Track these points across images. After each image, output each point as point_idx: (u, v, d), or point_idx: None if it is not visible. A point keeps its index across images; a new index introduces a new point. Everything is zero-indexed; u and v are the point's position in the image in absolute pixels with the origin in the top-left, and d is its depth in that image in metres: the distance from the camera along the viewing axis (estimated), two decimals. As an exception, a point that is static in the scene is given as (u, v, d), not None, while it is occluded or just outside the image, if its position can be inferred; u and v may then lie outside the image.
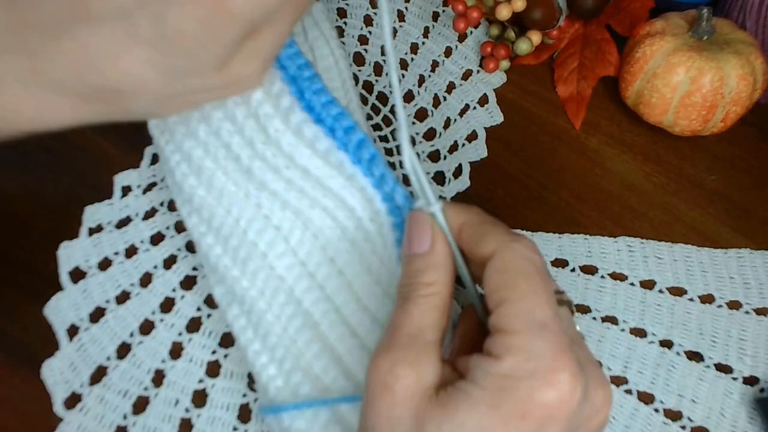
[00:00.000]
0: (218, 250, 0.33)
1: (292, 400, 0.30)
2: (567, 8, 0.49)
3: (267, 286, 0.32)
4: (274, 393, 0.31)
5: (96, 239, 0.40)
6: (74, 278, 0.39)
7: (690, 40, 0.44)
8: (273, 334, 0.32)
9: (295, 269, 0.32)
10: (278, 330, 0.32)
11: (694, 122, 0.44)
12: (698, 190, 0.46)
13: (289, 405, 0.30)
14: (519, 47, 0.49)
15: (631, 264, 0.42)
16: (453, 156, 0.46)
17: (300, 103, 0.32)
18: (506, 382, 0.23)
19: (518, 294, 0.25)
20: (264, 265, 0.32)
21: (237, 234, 0.32)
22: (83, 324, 0.38)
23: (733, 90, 0.43)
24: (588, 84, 0.49)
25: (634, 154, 0.47)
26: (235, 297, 0.33)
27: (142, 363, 0.37)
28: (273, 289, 0.32)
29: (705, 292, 0.41)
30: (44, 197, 0.42)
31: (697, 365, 0.39)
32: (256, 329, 0.32)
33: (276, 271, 0.32)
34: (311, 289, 0.32)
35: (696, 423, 0.37)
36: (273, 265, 0.32)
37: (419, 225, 0.28)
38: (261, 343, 0.32)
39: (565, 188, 0.45)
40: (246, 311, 0.32)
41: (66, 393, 0.36)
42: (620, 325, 0.40)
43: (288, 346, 0.31)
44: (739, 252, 0.42)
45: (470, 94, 0.49)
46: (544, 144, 0.47)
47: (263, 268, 0.32)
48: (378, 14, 0.28)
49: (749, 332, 0.40)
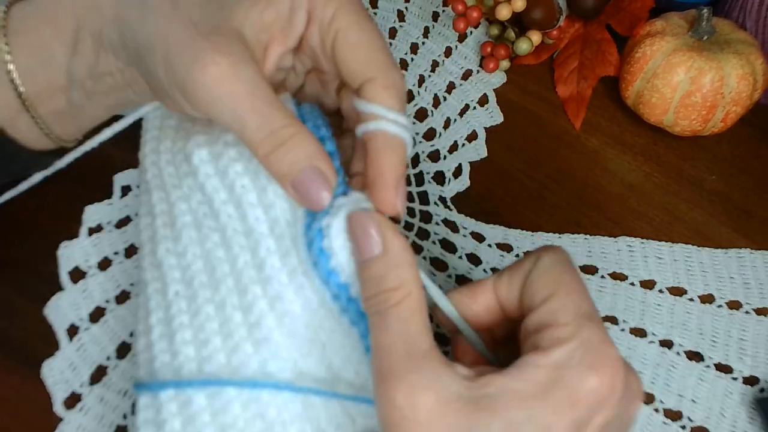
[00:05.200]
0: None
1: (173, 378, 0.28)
2: (567, 8, 0.49)
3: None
4: (158, 367, 0.28)
5: (96, 239, 0.40)
6: (74, 278, 0.39)
7: (690, 40, 0.44)
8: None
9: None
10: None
11: (695, 122, 0.44)
12: (698, 190, 0.46)
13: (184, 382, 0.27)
14: (519, 47, 0.49)
15: (631, 264, 0.42)
16: (453, 156, 0.46)
17: None
18: (557, 372, 0.23)
19: (565, 289, 0.25)
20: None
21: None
22: (83, 324, 0.38)
23: (734, 90, 0.43)
24: (588, 84, 0.49)
25: (635, 154, 0.47)
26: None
27: (142, 363, 0.37)
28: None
29: (705, 292, 0.41)
30: (44, 197, 0.42)
31: (697, 365, 0.39)
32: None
33: None
34: None
35: (696, 423, 0.37)
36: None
37: (363, 226, 0.26)
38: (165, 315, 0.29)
39: (565, 188, 0.45)
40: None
41: (66, 393, 0.36)
42: (620, 325, 0.40)
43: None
44: (740, 252, 0.42)
45: (470, 94, 0.49)
46: (544, 144, 0.47)
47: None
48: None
49: (749, 332, 0.40)
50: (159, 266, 0.30)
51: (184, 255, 0.30)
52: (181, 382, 0.27)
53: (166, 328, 0.29)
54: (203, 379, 0.27)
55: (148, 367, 0.29)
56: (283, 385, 0.27)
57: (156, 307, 0.30)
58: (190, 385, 0.27)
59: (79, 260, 0.40)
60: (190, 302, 0.29)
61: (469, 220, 0.43)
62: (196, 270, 0.29)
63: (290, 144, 0.26)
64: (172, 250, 0.30)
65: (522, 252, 0.42)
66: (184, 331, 0.28)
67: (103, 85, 0.31)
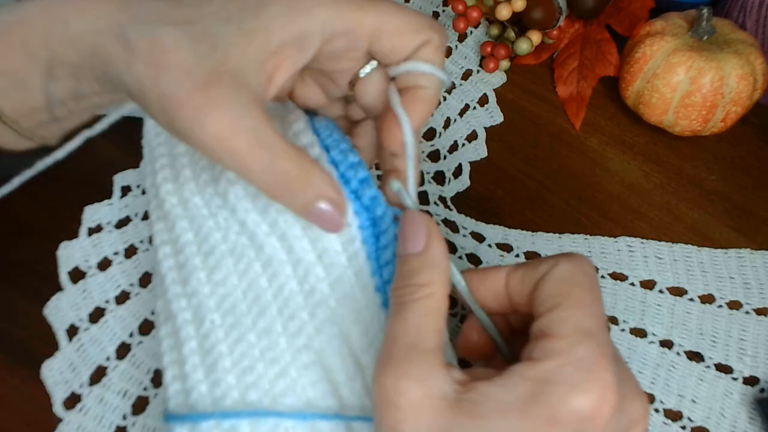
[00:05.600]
0: (171, 262, 0.32)
1: (213, 409, 0.29)
2: (567, 8, 0.49)
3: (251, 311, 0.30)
4: (195, 398, 0.29)
5: (96, 239, 0.40)
6: (74, 278, 0.39)
7: (690, 40, 0.44)
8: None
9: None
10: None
11: (695, 122, 0.44)
12: (698, 190, 0.46)
13: (215, 414, 0.28)
14: (519, 47, 0.49)
15: (631, 264, 0.42)
16: (453, 156, 0.46)
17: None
18: (540, 387, 0.23)
19: (571, 301, 0.25)
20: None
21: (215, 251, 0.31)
22: (83, 324, 0.38)
23: (733, 90, 0.43)
24: (588, 84, 0.49)
25: (634, 154, 0.47)
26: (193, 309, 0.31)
27: (141, 363, 0.37)
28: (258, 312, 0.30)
29: (705, 292, 0.41)
30: (44, 197, 0.42)
31: (697, 365, 0.39)
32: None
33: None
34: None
35: (696, 423, 0.37)
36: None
37: (414, 224, 0.27)
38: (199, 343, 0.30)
39: (565, 188, 0.45)
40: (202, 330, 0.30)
41: (66, 393, 0.36)
42: (620, 325, 0.40)
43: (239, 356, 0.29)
44: (740, 252, 0.42)
45: (470, 93, 0.49)
46: (544, 144, 0.47)
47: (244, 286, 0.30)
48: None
49: (749, 332, 0.40)
50: (191, 296, 0.30)
51: (223, 284, 0.30)
52: (226, 413, 0.28)
53: (203, 358, 0.29)
54: (244, 409, 0.28)
55: (181, 397, 0.29)
56: (330, 415, 0.28)
57: (188, 337, 0.30)
58: (229, 416, 0.28)
59: (79, 260, 0.40)
60: (229, 331, 0.29)
61: (469, 220, 0.43)
62: (236, 299, 0.30)
63: (297, 185, 0.27)
64: (207, 280, 0.30)
65: (522, 252, 0.42)
66: (224, 359, 0.29)
67: (88, 103, 0.30)
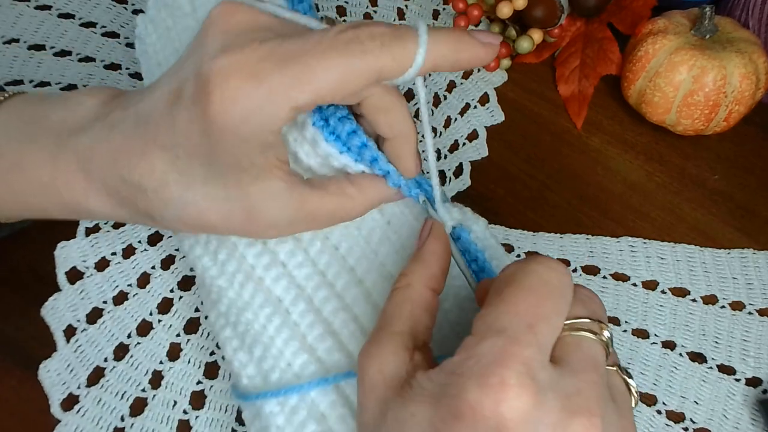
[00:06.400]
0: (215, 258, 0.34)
1: (263, 387, 0.32)
2: (569, 6, 0.48)
3: (287, 293, 0.33)
4: (246, 381, 0.32)
5: (93, 239, 0.40)
6: (71, 279, 0.39)
7: (692, 39, 0.44)
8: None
9: (314, 279, 0.33)
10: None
11: (697, 121, 0.44)
12: (701, 189, 0.45)
13: (267, 393, 0.31)
14: (520, 46, 0.49)
15: (633, 264, 0.42)
16: (454, 155, 0.46)
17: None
18: (448, 379, 0.23)
19: (499, 300, 0.24)
20: (284, 273, 0.33)
21: (256, 243, 0.33)
22: (80, 325, 0.38)
23: (736, 89, 0.43)
24: (590, 83, 0.49)
25: (637, 153, 0.47)
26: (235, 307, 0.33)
27: (139, 364, 0.37)
28: (293, 296, 0.33)
29: (708, 293, 0.41)
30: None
31: (699, 366, 0.38)
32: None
33: (296, 281, 0.33)
34: (330, 298, 0.33)
35: (698, 425, 0.37)
36: (292, 274, 0.33)
37: (424, 229, 0.31)
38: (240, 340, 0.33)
39: (566, 188, 0.45)
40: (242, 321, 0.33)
41: (63, 394, 0.36)
42: (622, 326, 0.40)
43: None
44: (743, 252, 0.42)
45: (471, 92, 0.49)
46: (545, 143, 0.47)
47: (284, 275, 0.33)
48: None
49: (752, 333, 0.39)
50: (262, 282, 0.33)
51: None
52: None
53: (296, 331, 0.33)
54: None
55: (258, 379, 0.32)
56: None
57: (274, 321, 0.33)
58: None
59: (77, 261, 0.39)
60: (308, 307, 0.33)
61: (470, 220, 0.43)
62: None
63: (360, 209, 0.33)
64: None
65: (523, 252, 0.42)
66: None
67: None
